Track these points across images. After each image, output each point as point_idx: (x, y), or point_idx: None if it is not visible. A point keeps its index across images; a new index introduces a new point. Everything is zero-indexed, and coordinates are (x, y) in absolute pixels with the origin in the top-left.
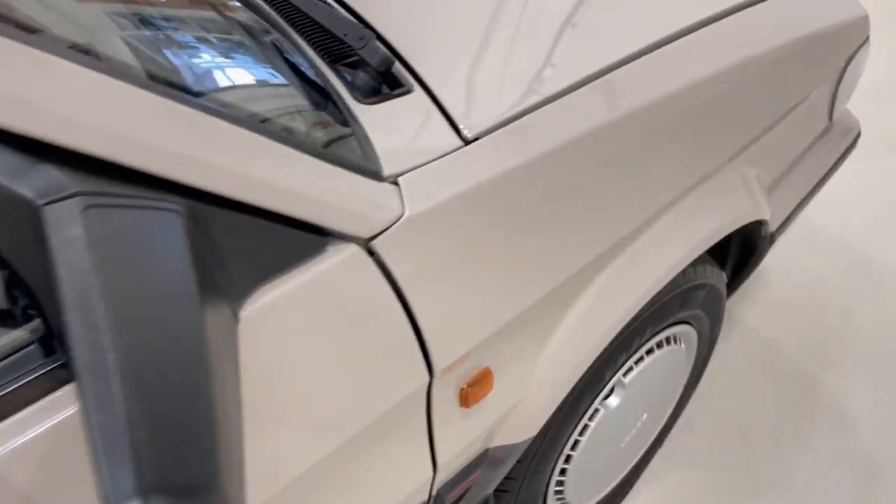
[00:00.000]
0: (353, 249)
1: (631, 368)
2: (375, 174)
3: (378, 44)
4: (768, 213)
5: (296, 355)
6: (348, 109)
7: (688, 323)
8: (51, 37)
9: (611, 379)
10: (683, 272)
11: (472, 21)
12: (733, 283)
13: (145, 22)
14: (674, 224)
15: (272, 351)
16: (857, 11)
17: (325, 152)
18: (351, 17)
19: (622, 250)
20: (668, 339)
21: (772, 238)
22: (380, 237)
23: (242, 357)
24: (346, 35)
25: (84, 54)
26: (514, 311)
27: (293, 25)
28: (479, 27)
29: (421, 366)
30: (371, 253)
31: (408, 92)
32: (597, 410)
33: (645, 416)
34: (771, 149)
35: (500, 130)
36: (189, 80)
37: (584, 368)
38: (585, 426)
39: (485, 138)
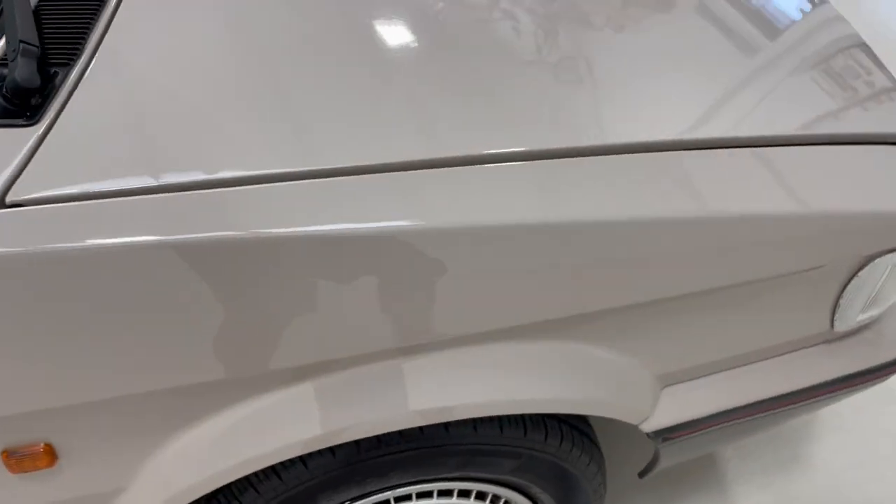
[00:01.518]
0: None
1: (388, 502)
2: None
3: (25, 61)
4: (632, 413)
5: None
6: None
7: (513, 487)
8: None
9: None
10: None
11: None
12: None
13: None
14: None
15: None
16: None
17: None
18: (27, 18)
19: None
20: (466, 493)
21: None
22: None
23: None
24: (8, 40)
25: None
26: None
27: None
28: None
29: None
30: None
31: (25, 125)
32: None
33: None
34: (670, 332)
35: (67, 204)
36: None
37: (221, 483)
38: None
39: (33, 207)
